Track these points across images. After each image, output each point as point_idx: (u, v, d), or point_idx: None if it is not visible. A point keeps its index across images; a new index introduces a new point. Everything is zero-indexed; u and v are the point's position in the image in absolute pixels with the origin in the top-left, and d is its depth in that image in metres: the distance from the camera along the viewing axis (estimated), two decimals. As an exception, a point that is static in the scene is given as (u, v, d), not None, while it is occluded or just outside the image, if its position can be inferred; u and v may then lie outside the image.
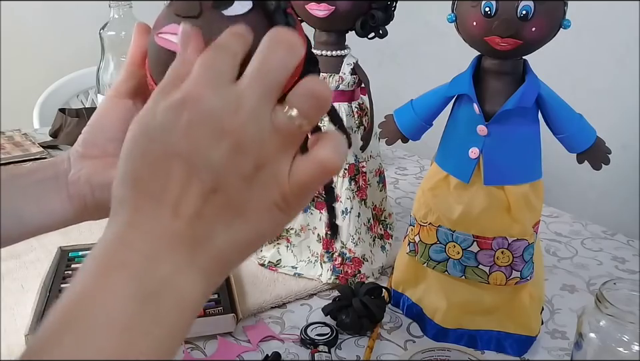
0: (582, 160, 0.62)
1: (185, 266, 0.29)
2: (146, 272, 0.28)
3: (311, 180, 0.31)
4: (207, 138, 0.29)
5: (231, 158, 0.29)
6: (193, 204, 0.29)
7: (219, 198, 0.29)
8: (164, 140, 0.29)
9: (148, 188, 0.30)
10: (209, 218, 0.29)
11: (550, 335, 0.67)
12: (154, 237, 0.29)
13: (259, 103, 0.30)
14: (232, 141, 0.29)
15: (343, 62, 0.74)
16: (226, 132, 0.29)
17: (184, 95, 0.30)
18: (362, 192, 0.77)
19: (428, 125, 0.66)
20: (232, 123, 0.29)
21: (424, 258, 0.65)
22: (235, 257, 0.32)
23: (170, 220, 0.29)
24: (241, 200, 0.30)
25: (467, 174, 0.61)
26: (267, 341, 0.65)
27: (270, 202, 0.31)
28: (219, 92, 0.30)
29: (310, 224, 0.77)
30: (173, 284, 0.29)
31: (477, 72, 0.61)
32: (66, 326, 0.27)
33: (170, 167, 0.29)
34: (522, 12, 0.54)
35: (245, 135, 0.29)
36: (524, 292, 0.64)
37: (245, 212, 0.30)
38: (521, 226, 0.61)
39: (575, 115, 0.61)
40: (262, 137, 0.29)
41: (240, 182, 0.29)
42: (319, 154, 0.31)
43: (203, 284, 0.30)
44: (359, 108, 0.76)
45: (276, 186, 0.30)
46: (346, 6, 0.69)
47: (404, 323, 0.69)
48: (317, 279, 0.76)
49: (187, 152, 0.29)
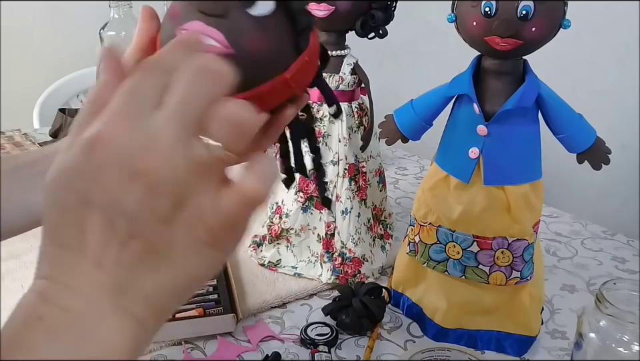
0: (582, 160, 0.62)
1: (108, 314, 0.27)
2: (64, 322, 0.27)
3: (236, 212, 0.29)
4: (118, 182, 0.27)
5: (146, 201, 0.27)
6: (111, 253, 0.27)
7: (136, 244, 0.27)
8: (75, 187, 0.27)
9: (63, 239, 0.28)
10: (129, 264, 0.28)
11: (550, 335, 0.67)
12: (72, 288, 0.27)
13: (175, 139, 0.27)
14: (145, 183, 0.27)
15: (343, 62, 0.74)
16: (138, 174, 0.27)
17: (94, 133, 0.27)
18: (362, 192, 0.77)
19: (428, 125, 0.66)
20: (145, 163, 0.27)
21: (424, 258, 0.65)
22: (169, 300, 0.29)
23: (89, 270, 0.27)
24: (162, 244, 0.28)
25: (466, 174, 0.61)
26: (267, 341, 0.65)
27: (196, 241, 0.28)
28: (133, 127, 0.27)
29: (310, 224, 0.77)
30: (96, 332, 0.27)
31: (477, 72, 0.61)
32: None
33: (83, 217, 0.27)
34: (522, 12, 0.54)
35: (159, 175, 0.27)
36: (524, 292, 0.64)
37: (169, 254, 0.28)
38: (520, 226, 0.61)
39: (575, 115, 0.61)
40: (177, 175, 0.27)
41: (158, 225, 0.27)
42: (241, 185, 0.29)
43: (132, 331, 0.28)
44: (359, 108, 0.76)
45: (199, 223, 0.28)
46: (346, 6, 0.69)
47: (404, 323, 0.69)
48: (317, 279, 0.76)
49: (99, 199, 0.27)
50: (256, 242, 0.82)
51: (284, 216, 0.78)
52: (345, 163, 0.75)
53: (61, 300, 0.27)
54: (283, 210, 0.78)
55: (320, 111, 0.75)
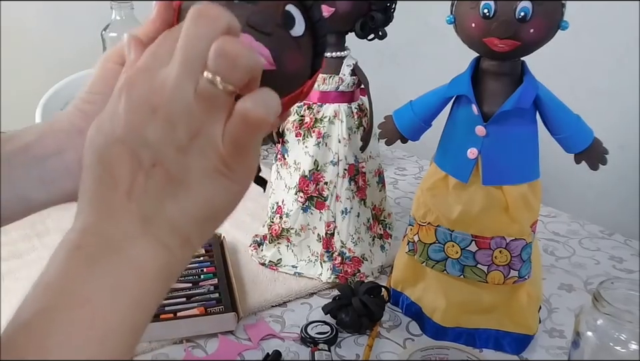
0: (579, 160, 0.62)
1: (137, 238, 0.31)
2: (99, 248, 0.30)
3: (240, 135, 0.32)
4: (140, 118, 0.31)
5: (164, 133, 0.30)
6: (139, 183, 0.31)
7: (158, 171, 0.31)
8: (107, 129, 0.31)
9: (100, 177, 0.31)
10: (153, 192, 0.31)
11: (548, 334, 0.68)
12: (106, 219, 0.31)
13: (182, 76, 0.31)
14: (162, 117, 0.30)
15: (343, 64, 0.74)
16: (155, 108, 0.30)
17: (121, 85, 0.32)
18: (361, 192, 0.78)
19: (427, 126, 0.66)
20: (159, 100, 0.30)
21: (423, 257, 0.66)
22: (191, 228, 0.32)
23: (120, 201, 0.31)
24: (181, 171, 0.31)
25: (465, 174, 0.62)
26: (267, 339, 0.66)
27: (210, 168, 0.31)
28: (150, 76, 0.31)
29: (310, 224, 0.78)
30: (127, 254, 0.30)
31: (475, 73, 0.61)
32: (30, 313, 0.28)
33: (112, 153, 0.31)
34: (520, 14, 0.55)
35: (173, 108, 0.30)
36: (522, 291, 0.64)
37: (187, 181, 0.31)
38: (519, 226, 0.61)
39: (573, 116, 0.61)
40: (189, 107, 0.31)
41: (177, 154, 0.31)
42: (240, 107, 0.31)
43: (160, 254, 0.31)
44: (358, 109, 0.77)
45: (212, 151, 0.31)
46: (345, 7, 0.70)
47: (403, 322, 0.70)
48: (317, 278, 0.76)
49: (124, 135, 0.31)
50: (256, 241, 0.82)
51: (284, 216, 0.78)
52: (344, 163, 0.75)
53: (97, 230, 0.30)
54: (283, 210, 0.79)
55: (320, 112, 0.75)
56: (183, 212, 0.31)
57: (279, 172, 0.80)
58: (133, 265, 0.30)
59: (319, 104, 0.75)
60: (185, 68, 0.31)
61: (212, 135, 0.31)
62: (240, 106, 0.31)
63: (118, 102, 0.31)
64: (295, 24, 0.35)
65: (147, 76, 0.31)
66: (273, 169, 0.82)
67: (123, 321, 0.29)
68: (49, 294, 0.29)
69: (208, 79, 0.31)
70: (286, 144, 0.78)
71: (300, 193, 0.76)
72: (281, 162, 0.79)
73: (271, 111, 0.32)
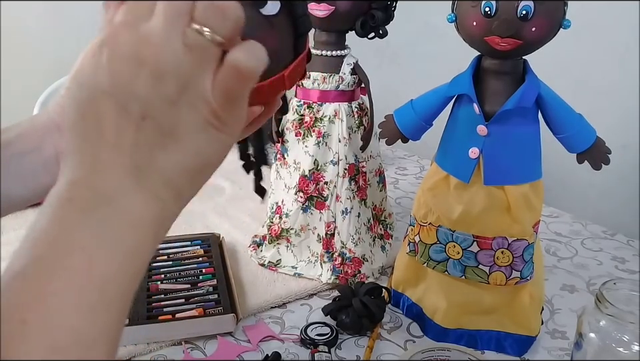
0: (582, 160, 0.62)
1: (129, 189, 0.30)
2: (92, 199, 0.30)
3: (231, 86, 0.32)
4: (126, 71, 0.30)
5: (153, 85, 0.30)
6: (127, 135, 0.30)
7: (149, 124, 0.31)
8: (90, 83, 0.31)
9: (84, 130, 0.31)
10: (144, 145, 0.31)
11: (550, 335, 0.67)
12: (97, 171, 0.30)
13: (167, 28, 0.30)
14: (150, 69, 0.30)
15: (343, 62, 0.74)
16: (142, 61, 0.30)
17: (103, 37, 0.31)
18: (362, 192, 0.77)
19: (428, 125, 0.66)
20: (146, 52, 0.30)
21: (424, 258, 0.65)
22: (183, 180, 0.32)
23: (109, 153, 0.30)
24: (171, 123, 0.31)
25: (466, 174, 0.61)
26: (267, 341, 0.65)
27: (201, 120, 0.31)
28: (132, 28, 0.31)
29: (310, 224, 0.77)
30: (120, 205, 0.30)
31: (477, 72, 0.61)
32: (25, 262, 0.28)
33: (98, 106, 0.30)
34: (522, 12, 0.54)
35: (161, 60, 0.30)
36: (524, 292, 0.64)
37: (178, 133, 0.31)
38: (520, 226, 0.61)
39: (575, 115, 0.61)
40: (177, 59, 0.30)
41: (166, 106, 0.31)
42: (231, 58, 0.31)
43: (152, 206, 0.31)
44: (358, 108, 0.76)
45: (202, 103, 0.31)
46: (346, 6, 0.69)
47: (404, 323, 0.69)
48: (317, 279, 0.76)
49: (111, 87, 0.30)
50: (256, 242, 0.82)
51: (284, 216, 0.78)
52: (344, 163, 0.75)
53: (87, 182, 0.30)
54: (283, 210, 0.78)
55: (320, 111, 0.75)
56: (174, 164, 0.31)
57: (278, 172, 0.80)
58: (127, 216, 0.30)
59: (318, 103, 0.75)
60: (171, 20, 0.30)
61: (201, 87, 0.31)
62: (231, 56, 0.31)
63: (100, 56, 0.31)
64: (268, 3, 0.35)
65: (130, 30, 0.31)
66: (273, 169, 0.81)
67: (119, 269, 0.29)
68: (43, 244, 0.28)
69: (196, 30, 0.31)
70: (286, 143, 0.77)
71: (300, 193, 0.76)
72: (280, 162, 0.79)
73: (260, 62, 0.32)
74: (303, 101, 0.75)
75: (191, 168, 0.32)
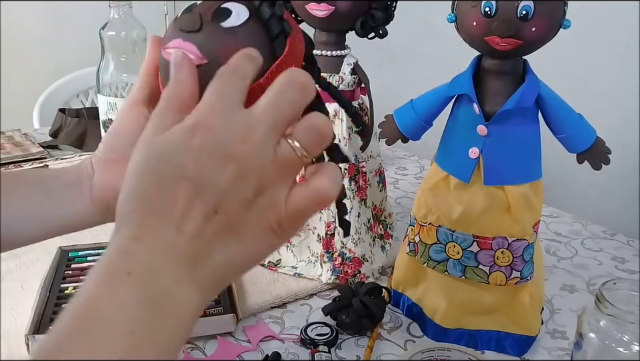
0: (582, 160, 0.62)
1: (184, 279, 0.31)
2: (149, 280, 0.30)
3: (307, 208, 0.33)
4: (214, 163, 0.31)
5: (234, 183, 0.31)
6: (195, 223, 0.31)
7: (219, 219, 0.31)
8: (174, 162, 0.31)
9: (154, 205, 0.31)
10: (208, 237, 0.31)
11: (550, 335, 0.67)
12: (157, 250, 0.31)
13: (267, 135, 0.32)
14: (237, 167, 0.31)
15: (343, 62, 0.74)
16: (232, 158, 0.31)
17: (195, 121, 0.32)
18: (362, 192, 0.77)
19: (428, 125, 0.66)
20: (239, 151, 0.31)
21: (424, 258, 0.65)
22: (229, 275, 0.34)
23: (173, 236, 0.31)
24: (239, 223, 0.32)
25: (466, 174, 0.61)
26: (267, 341, 0.65)
27: (266, 226, 0.33)
28: (229, 119, 0.32)
29: (310, 224, 0.77)
30: (174, 293, 0.30)
31: (477, 72, 0.61)
32: (74, 331, 0.28)
33: (177, 187, 0.31)
34: (522, 12, 0.54)
35: (250, 163, 0.31)
36: (524, 292, 0.64)
37: (242, 233, 0.32)
38: (520, 226, 0.61)
39: (575, 115, 0.61)
40: (265, 166, 0.32)
41: (240, 206, 0.32)
42: (317, 184, 0.33)
43: (199, 298, 0.32)
44: (358, 108, 0.76)
45: (273, 212, 0.33)
46: (346, 6, 0.69)
47: (404, 323, 0.69)
48: (317, 279, 0.76)
49: (194, 174, 0.31)
50: (256, 242, 0.82)
51: (284, 216, 0.78)
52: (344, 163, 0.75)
53: (146, 260, 0.30)
54: (282, 210, 0.78)
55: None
56: (228, 261, 0.32)
57: (278, 172, 0.80)
58: (176, 305, 0.31)
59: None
60: (273, 129, 0.32)
61: (276, 196, 0.33)
62: (318, 183, 0.33)
63: (190, 138, 0.31)
64: (230, 16, 0.36)
65: (224, 119, 0.32)
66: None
67: (159, 357, 0.30)
68: (94, 317, 0.29)
69: (291, 146, 0.32)
70: (286, 143, 0.77)
71: (300, 193, 0.76)
72: (280, 162, 0.79)
73: (339, 186, 0.34)
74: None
75: (241, 265, 0.33)
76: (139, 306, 0.29)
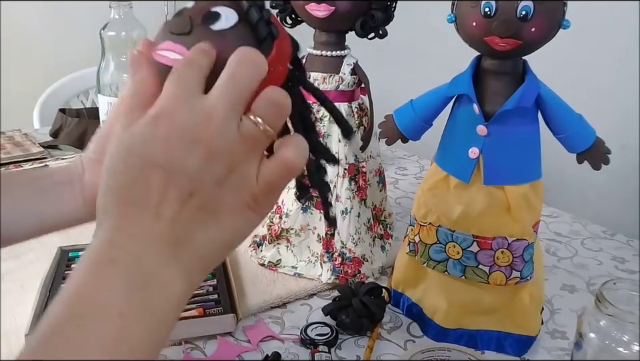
0: (582, 160, 0.62)
1: (167, 262, 0.32)
2: (133, 266, 0.31)
3: (277, 179, 0.35)
4: (182, 148, 0.32)
5: (205, 165, 0.32)
6: (172, 208, 0.32)
7: (195, 201, 0.32)
8: (142, 152, 0.32)
9: (130, 196, 0.32)
10: (187, 220, 0.33)
11: (550, 335, 0.67)
12: (138, 238, 0.32)
13: (228, 114, 0.33)
14: (205, 149, 0.32)
15: (343, 63, 0.74)
16: (199, 141, 0.32)
17: (158, 110, 0.33)
18: (362, 192, 0.77)
19: (428, 125, 0.66)
20: (204, 133, 0.32)
21: (424, 258, 0.65)
22: (213, 256, 0.35)
23: (152, 222, 0.32)
24: (215, 203, 0.33)
25: (466, 174, 0.61)
26: (266, 341, 0.65)
27: (242, 203, 0.34)
28: (190, 105, 0.33)
29: (310, 224, 0.77)
30: (159, 276, 0.32)
31: (476, 73, 0.61)
32: (65, 318, 0.29)
33: (149, 176, 0.32)
34: (521, 13, 0.54)
35: (216, 143, 0.32)
36: (524, 292, 0.64)
37: (220, 213, 0.33)
38: (520, 226, 0.61)
39: (575, 115, 0.61)
40: (231, 144, 0.33)
41: (213, 186, 0.33)
42: (282, 155, 0.34)
43: (184, 280, 0.33)
44: (358, 109, 0.76)
45: (246, 188, 0.34)
46: (346, 6, 0.69)
47: (404, 323, 0.69)
48: (317, 279, 0.76)
49: (164, 161, 0.32)
50: (256, 241, 0.82)
51: (284, 216, 0.78)
52: (344, 163, 0.75)
53: (129, 247, 0.32)
54: (283, 210, 0.78)
55: (320, 111, 0.74)
56: (210, 241, 0.33)
57: (278, 172, 0.80)
58: (163, 288, 0.32)
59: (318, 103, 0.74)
60: (232, 106, 0.33)
61: (248, 173, 0.34)
62: (283, 154, 0.35)
63: (154, 127, 0.32)
64: (220, 19, 0.37)
65: (185, 105, 0.33)
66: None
67: (150, 338, 0.31)
68: (84, 302, 0.30)
69: (253, 121, 0.33)
70: (286, 144, 0.77)
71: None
72: (280, 162, 0.79)
73: (305, 156, 0.35)
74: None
75: (224, 245, 0.35)
76: (126, 290, 0.30)
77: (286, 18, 0.76)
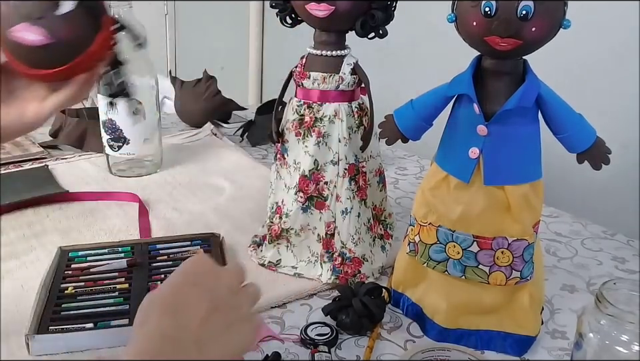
0: (582, 160, 0.62)
1: None
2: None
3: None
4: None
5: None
6: None
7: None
8: (187, 335, 0.44)
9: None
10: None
11: (550, 335, 0.67)
12: None
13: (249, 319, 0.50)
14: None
15: (343, 62, 0.74)
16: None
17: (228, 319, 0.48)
18: (362, 192, 0.77)
19: (428, 125, 0.66)
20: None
21: (424, 258, 0.65)
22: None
23: None
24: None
25: (466, 174, 0.61)
26: (266, 341, 0.65)
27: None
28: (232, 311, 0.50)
29: (310, 224, 0.77)
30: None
31: (477, 72, 0.61)
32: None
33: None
34: (522, 12, 0.54)
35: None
36: (524, 292, 0.64)
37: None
38: (520, 226, 0.61)
39: (575, 115, 0.61)
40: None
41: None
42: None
43: None
44: (358, 108, 0.76)
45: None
46: (346, 6, 0.69)
47: (404, 323, 0.69)
48: (317, 279, 0.76)
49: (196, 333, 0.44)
50: (256, 242, 0.82)
51: (284, 216, 0.78)
52: (345, 163, 0.75)
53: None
54: (282, 210, 0.78)
55: (320, 111, 0.74)
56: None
57: (278, 172, 0.80)
58: None
59: (318, 103, 0.75)
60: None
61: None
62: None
63: (213, 325, 0.45)
64: (59, 6, 0.50)
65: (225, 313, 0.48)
66: (273, 169, 0.81)
67: None
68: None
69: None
70: (285, 143, 0.77)
71: (300, 193, 0.76)
72: (280, 162, 0.79)
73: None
74: (303, 101, 0.75)
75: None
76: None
77: (286, 18, 0.76)
